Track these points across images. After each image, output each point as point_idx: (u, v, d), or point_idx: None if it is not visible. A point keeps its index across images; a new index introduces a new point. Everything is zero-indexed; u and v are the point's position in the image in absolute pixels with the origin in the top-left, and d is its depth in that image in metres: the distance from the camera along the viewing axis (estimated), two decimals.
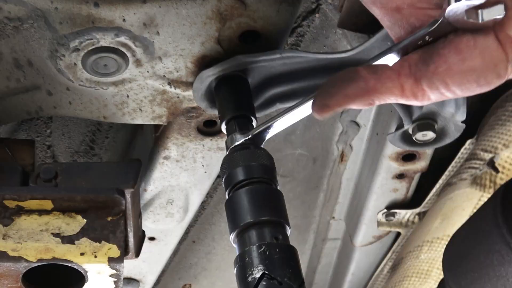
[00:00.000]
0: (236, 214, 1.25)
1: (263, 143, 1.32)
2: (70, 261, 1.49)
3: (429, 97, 1.09)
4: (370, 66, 1.11)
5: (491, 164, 2.01)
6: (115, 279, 1.55)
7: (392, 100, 1.10)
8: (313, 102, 1.15)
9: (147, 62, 1.37)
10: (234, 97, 1.38)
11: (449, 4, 1.02)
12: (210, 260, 2.18)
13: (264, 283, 1.14)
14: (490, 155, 1.95)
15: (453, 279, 1.84)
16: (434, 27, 1.05)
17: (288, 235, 1.24)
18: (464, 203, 2.11)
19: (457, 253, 1.83)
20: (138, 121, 1.50)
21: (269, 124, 1.30)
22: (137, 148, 1.76)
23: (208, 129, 1.56)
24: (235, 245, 1.25)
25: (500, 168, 2.02)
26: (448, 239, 2.16)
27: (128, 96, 1.44)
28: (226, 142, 1.34)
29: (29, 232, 1.50)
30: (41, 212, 1.52)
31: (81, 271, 1.51)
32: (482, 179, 2.06)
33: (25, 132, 1.73)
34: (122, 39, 1.33)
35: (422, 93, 1.09)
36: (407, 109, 1.47)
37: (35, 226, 1.50)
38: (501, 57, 1.05)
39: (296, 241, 2.19)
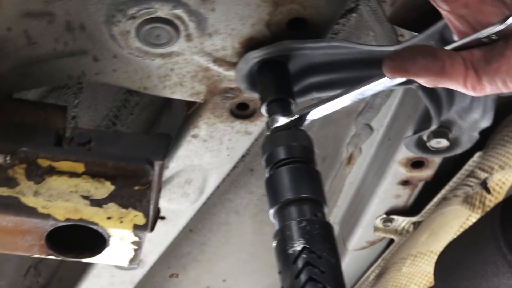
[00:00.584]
0: (277, 191, 1.31)
1: (304, 125, 1.38)
2: (96, 224, 1.53)
3: (485, 91, 1.15)
4: (447, 50, 1.16)
5: (484, 184, 2.08)
6: (136, 247, 1.59)
7: (453, 86, 1.16)
8: (386, 63, 1.19)
9: (197, 37, 1.43)
10: (276, 80, 1.44)
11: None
12: (203, 252, 2.20)
13: (304, 255, 1.20)
14: (486, 175, 2.02)
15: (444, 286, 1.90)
16: (505, 25, 1.09)
17: (326, 213, 1.29)
18: (453, 220, 2.18)
19: (451, 262, 1.90)
20: (177, 95, 1.54)
21: (310, 109, 1.36)
22: (162, 126, 1.79)
23: (240, 111, 1.61)
24: (274, 220, 1.30)
25: (491, 190, 2.10)
26: (431, 255, 2.24)
27: (172, 69, 1.49)
28: (267, 122, 1.39)
29: (59, 192, 1.53)
30: (72, 174, 1.55)
31: (105, 235, 1.54)
32: (473, 198, 2.12)
33: (53, 100, 1.75)
34: (179, 11, 1.38)
35: (481, 87, 1.15)
36: (439, 109, 1.53)
37: (65, 187, 1.54)
38: None
39: None
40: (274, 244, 1.27)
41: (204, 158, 1.71)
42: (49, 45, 1.48)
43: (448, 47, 1.15)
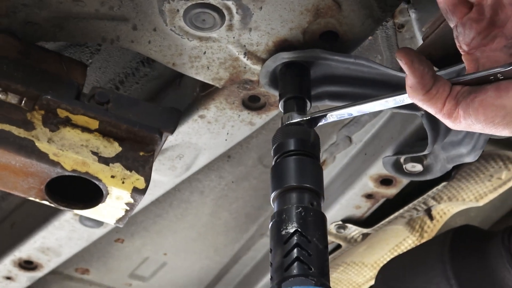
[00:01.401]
0: (281, 177, 1.41)
1: (316, 126, 1.48)
2: (100, 180, 1.60)
3: (460, 121, 1.25)
4: (441, 77, 1.28)
5: (428, 211, 2.23)
6: (128, 208, 1.66)
7: (431, 111, 1.27)
8: (404, 51, 1.28)
9: (238, 29, 1.51)
10: (298, 81, 1.54)
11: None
12: (156, 223, 2.24)
13: (295, 238, 1.31)
14: (434, 203, 2.17)
15: None
16: (507, 69, 1.20)
17: (322, 205, 1.40)
18: (391, 238, 2.32)
19: (397, 272, 2.03)
20: (200, 77, 1.61)
21: (325, 112, 1.48)
22: (166, 101, 1.83)
23: (251, 103, 1.69)
24: (273, 203, 1.41)
25: (433, 217, 2.25)
26: (362, 266, 2.38)
27: (204, 53, 1.56)
28: (282, 117, 1.49)
29: (71, 143, 1.59)
30: (85, 129, 1.62)
31: (104, 192, 1.61)
32: (415, 222, 2.27)
33: (69, 55, 1.78)
34: (230, 3, 1.46)
35: (456, 115, 1.25)
36: (435, 138, 1.65)
37: (77, 140, 1.60)
38: None
39: (239, 227, 2.29)
40: (270, 224, 1.37)
41: (203, 138, 1.77)
42: (93, 6, 1.54)
43: (460, 79, 1.26)
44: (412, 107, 1.60)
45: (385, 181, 1.97)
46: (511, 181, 2.12)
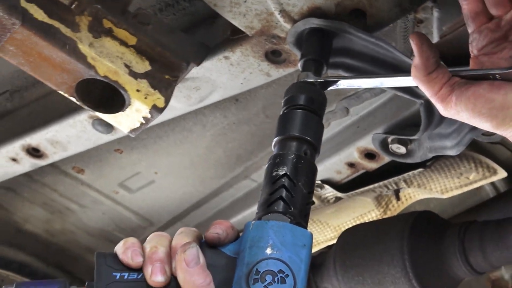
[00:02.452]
0: (286, 125, 1.43)
1: (327, 89, 1.52)
2: (126, 91, 1.65)
3: (451, 106, 1.31)
4: (443, 65, 1.35)
5: (397, 192, 2.28)
6: (143, 122, 1.71)
7: (427, 93, 1.34)
8: (417, 34, 1.36)
9: None
10: (320, 46, 1.57)
11: None
12: (155, 143, 2.26)
13: (283, 180, 1.34)
14: (404, 185, 2.22)
15: (342, 256, 2.09)
16: (504, 71, 1.26)
17: (315, 158, 1.43)
18: (358, 207, 2.37)
19: (356, 240, 2.07)
20: (235, 22, 1.63)
21: (337, 79, 1.53)
22: (196, 36, 1.84)
23: (272, 56, 1.72)
24: (274, 148, 1.43)
25: (400, 198, 2.31)
26: (326, 226, 2.42)
27: (245, 1, 1.58)
28: (299, 75, 1.53)
29: (108, 52, 1.64)
30: (123, 43, 1.66)
31: (127, 102, 1.66)
32: (382, 199, 2.32)
33: None
34: None
35: (448, 100, 1.31)
36: (427, 127, 1.70)
37: (114, 51, 1.65)
38: None
39: (228, 165, 2.32)
40: (266, 165, 1.40)
41: (222, 77, 1.80)
42: None
43: (460, 72, 1.32)
44: (415, 94, 1.66)
45: (369, 155, 2.02)
46: (476, 183, 2.17)
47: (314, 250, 2.51)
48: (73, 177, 2.52)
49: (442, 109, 1.33)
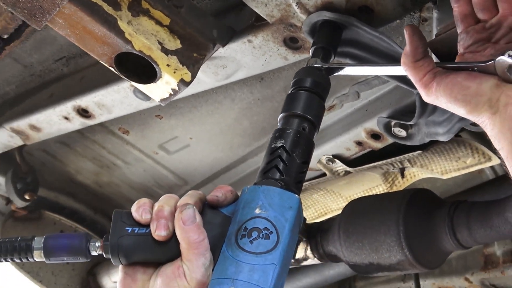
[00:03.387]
0: (292, 104, 1.48)
1: (332, 75, 1.55)
2: (157, 65, 1.69)
3: (431, 92, 1.34)
4: (429, 55, 1.38)
5: (402, 170, 2.30)
6: (172, 93, 1.75)
7: (413, 78, 1.37)
8: (411, 26, 1.39)
9: None
10: (330, 36, 1.61)
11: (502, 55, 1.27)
12: (190, 112, 2.31)
13: (279, 151, 1.39)
14: (408, 165, 2.24)
15: (346, 223, 2.12)
16: (482, 64, 1.29)
17: (314, 135, 1.46)
18: (366, 182, 2.39)
19: (359, 210, 2.11)
20: (258, 10, 1.66)
21: (340, 66, 1.56)
22: (225, 21, 1.86)
23: (290, 43, 1.75)
24: (278, 123, 1.47)
25: (405, 176, 2.32)
26: (338, 196, 2.45)
27: None
28: (308, 60, 1.57)
29: (144, 30, 1.68)
30: (158, 22, 1.70)
31: (158, 74, 1.70)
32: (389, 175, 2.34)
33: None
34: None
35: (430, 86, 1.34)
36: (422, 113, 1.73)
37: (149, 28, 1.69)
38: (487, 95, 1.26)
39: (254, 135, 2.36)
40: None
41: (245, 58, 1.84)
42: None
43: (444, 64, 1.36)
44: (411, 85, 1.67)
45: (375, 136, 2.04)
46: (472, 167, 2.17)
47: (328, 216, 2.55)
48: (119, 136, 2.58)
49: (424, 94, 1.36)
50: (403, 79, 1.63)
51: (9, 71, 2.45)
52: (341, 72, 1.56)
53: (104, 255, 1.36)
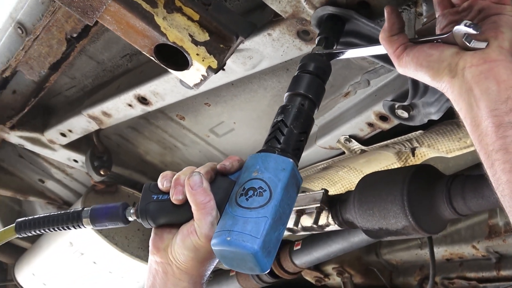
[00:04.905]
0: (296, 84, 1.46)
1: (332, 60, 1.52)
2: (189, 54, 1.68)
3: (402, 61, 1.31)
4: (403, 32, 1.37)
5: (413, 150, 2.24)
6: (202, 79, 1.74)
7: (388, 50, 1.35)
8: (390, 7, 1.39)
9: None
10: (333, 28, 1.57)
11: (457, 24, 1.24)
12: (232, 100, 2.29)
13: (278, 124, 1.37)
14: (417, 145, 2.18)
15: (360, 195, 2.08)
16: (444, 36, 1.27)
17: (314, 113, 1.43)
18: (382, 160, 2.34)
19: (370, 184, 2.07)
20: (273, 6, 1.64)
21: (339, 51, 1.52)
22: (252, 18, 1.84)
23: (303, 35, 1.72)
24: (284, 100, 1.45)
25: (415, 155, 2.27)
26: (359, 172, 2.41)
27: None
28: (313, 48, 1.54)
29: (177, 25, 1.67)
30: (189, 18, 1.69)
31: (189, 62, 1.69)
32: (402, 154, 2.28)
33: None
34: None
35: (401, 57, 1.32)
36: (414, 95, 1.68)
37: (182, 23, 1.68)
38: (448, 61, 1.23)
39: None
40: None
41: (267, 49, 1.82)
42: None
43: (415, 39, 1.33)
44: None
45: (383, 118, 1.99)
46: (473, 147, 2.09)
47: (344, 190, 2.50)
48: (177, 122, 2.59)
49: (397, 65, 1.34)
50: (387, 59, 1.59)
51: (86, 67, 2.49)
52: (340, 57, 1.53)
53: (137, 220, 1.38)
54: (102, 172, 2.74)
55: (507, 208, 1.12)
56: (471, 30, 1.22)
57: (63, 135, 2.68)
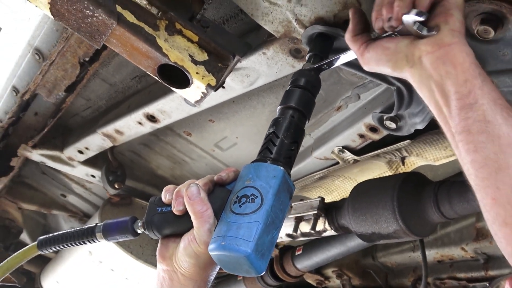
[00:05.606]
0: (287, 98, 1.42)
1: (320, 73, 1.48)
2: (189, 73, 1.65)
3: (364, 58, 1.29)
4: (367, 33, 1.33)
5: (403, 159, 2.19)
6: (203, 96, 1.71)
7: (352, 48, 1.32)
8: (355, 8, 1.37)
9: (294, 2, 1.52)
10: (322, 45, 1.54)
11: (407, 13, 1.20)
12: (234, 116, 2.26)
13: (270, 135, 1.34)
14: (406, 154, 2.14)
15: (353, 201, 2.04)
16: (399, 29, 1.23)
17: (305, 125, 1.39)
18: (375, 169, 2.30)
19: (363, 191, 2.02)
20: (266, 27, 1.62)
21: (322, 64, 1.48)
22: (249, 39, 1.83)
23: (295, 53, 1.70)
24: (277, 113, 1.41)
25: (405, 164, 2.22)
26: (353, 181, 2.36)
27: (271, 12, 1.57)
28: (304, 65, 1.51)
29: (178, 46, 1.64)
30: (189, 39, 1.66)
31: (190, 80, 1.66)
32: (393, 163, 2.24)
33: None
34: None
35: (363, 54, 1.29)
36: (400, 106, 1.64)
37: (182, 44, 1.65)
38: (404, 52, 1.20)
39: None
40: None
41: (262, 67, 1.79)
42: None
43: (376, 36, 1.30)
44: (390, 82, 1.59)
45: (373, 129, 1.95)
46: None
47: (341, 198, 2.45)
48: (184, 138, 2.56)
49: (361, 62, 1.31)
50: (382, 78, 1.56)
51: (100, 89, 2.48)
52: (325, 69, 1.49)
53: (145, 231, 1.38)
54: (116, 186, 2.72)
55: (474, 187, 1.09)
56: (418, 17, 1.18)
57: (81, 152, 2.66)
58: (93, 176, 2.87)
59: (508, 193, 1.04)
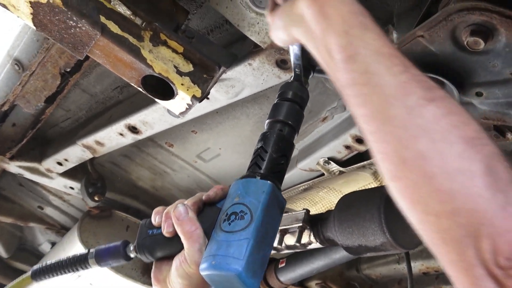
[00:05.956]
0: (275, 111, 1.38)
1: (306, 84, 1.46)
2: (174, 84, 1.63)
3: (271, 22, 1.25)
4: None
5: None
6: (187, 107, 1.69)
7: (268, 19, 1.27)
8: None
9: None
10: (309, 56, 1.52)
11: None
12: (217, 127, 2.25)
13: (259, 150, 1.31)
14: None
15: (339, 213, 2.02)
16: None
17: (294, 138, 1.36)
18: (360, 180, 2.29)
19: (349, 203, 2.00)
20: (253, 38, 1.61)
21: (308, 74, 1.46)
22: (233, 49, 1.84)
23: (281, 64, 1.69)
24: (265, 127, 1.38)
25: None
26: (338, 193, 2.35)
27: (258, 23, 1.57)
28: (291, 77, 1.50)
29: (162, 57, 1.63)
30: (174, 50, 1.64)
31: (175, 92, 1.65)
32: (378, 174, 2.24)
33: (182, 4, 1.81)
34: None
35: (270, 20, 1.24)
36: None
37: (167, 56, 1.63)
38: (290, 16, 1.15)
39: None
40: None
41: (248, 78, 1.78)
42: None
43: None
44: None
45: (359, 140, 1.95)
46: None
47: (325, 210, 2.44)
48: (166, 149, 2.54)
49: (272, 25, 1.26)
50: None
51: (80, 100, 2.44)
52: (311, 76, 1.48)
53: (137, 255, 1.35)
54: (96, 198, 2.68)
55: (368, 144, 1.04)
56: None
57: (60, 164, 2.62)
58: (72, 188, 2.83)
59: (396, 146, 0.98)
